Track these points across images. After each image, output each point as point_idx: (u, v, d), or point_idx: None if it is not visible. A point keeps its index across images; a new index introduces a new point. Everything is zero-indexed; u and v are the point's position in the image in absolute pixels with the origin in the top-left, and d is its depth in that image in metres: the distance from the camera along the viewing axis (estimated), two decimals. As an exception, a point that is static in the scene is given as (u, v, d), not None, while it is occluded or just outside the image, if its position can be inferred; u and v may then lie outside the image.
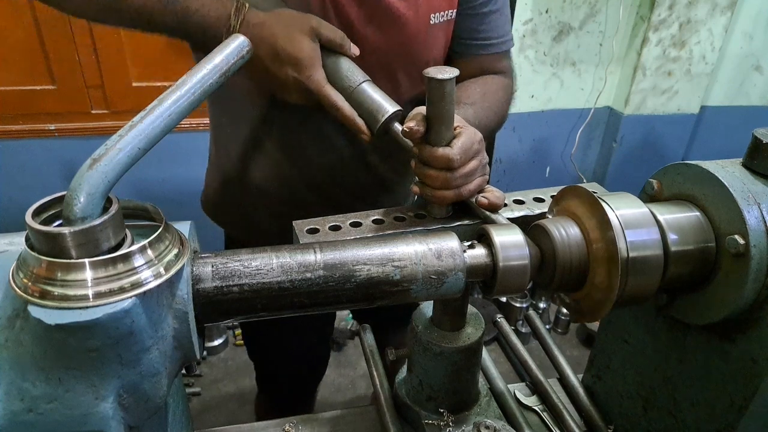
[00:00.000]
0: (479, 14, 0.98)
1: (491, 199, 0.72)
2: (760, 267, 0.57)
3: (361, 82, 0.80)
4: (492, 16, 0.99)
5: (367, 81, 0.80)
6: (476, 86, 0.99)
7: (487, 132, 0.97)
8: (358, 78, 0.80)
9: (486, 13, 0.98)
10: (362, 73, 0.81)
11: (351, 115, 0.79)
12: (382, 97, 0.80)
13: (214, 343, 2.44)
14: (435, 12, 0.94)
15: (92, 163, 0.43)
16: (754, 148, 0.62)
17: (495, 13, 0.99)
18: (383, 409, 0.80)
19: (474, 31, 0.99)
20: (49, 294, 0.41)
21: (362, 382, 2.33)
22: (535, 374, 0.90)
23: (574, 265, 0.60)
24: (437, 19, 0.94)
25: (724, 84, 2.59)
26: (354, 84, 0.79)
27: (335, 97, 0.79)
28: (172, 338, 0.48)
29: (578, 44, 2.37)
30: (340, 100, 0.79)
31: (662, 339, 0.73)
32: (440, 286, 0.56)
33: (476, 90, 0.98)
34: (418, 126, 0.70)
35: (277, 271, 0.52)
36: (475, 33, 0.99)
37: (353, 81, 0.79)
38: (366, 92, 0.79)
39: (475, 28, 0.99)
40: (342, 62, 0.81)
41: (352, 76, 0.80)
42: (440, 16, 0.95)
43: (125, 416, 0.46)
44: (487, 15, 0.98)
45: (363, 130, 0.80)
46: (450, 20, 0.97)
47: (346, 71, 0.80)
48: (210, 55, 0.51)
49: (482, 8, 0.97)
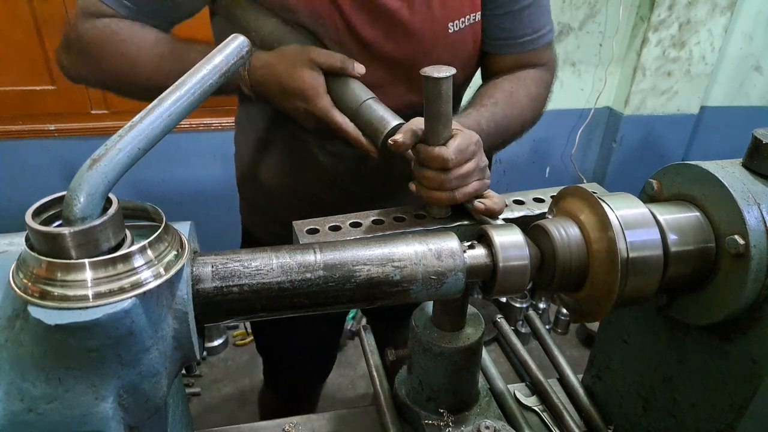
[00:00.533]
0: (510, 12, 0.94)
1: (488, 205, 0.72)
2: (760, 267, 0.57)
3: (365, 100, 0.84)
4: (525, 12, 0.95)
5: (372, 98, 0.85)
6: (506, 83, 0.97)
7: (510, 133, 0.97)
8: (362, 96, 0.84)
9: (518, 10, 0.94)
10: (367, 91, 0.85)
11: (356, 136, 0.83)
12: (386, 111, 0.83)
13: (214, 343, 2.44)
14: (454, 20, 0.92)
15: (92, 164, 0.43)
16: (754, 149, 0.62)
17: (528, 8, 0.95)
18: (383, 410, 0.80)
19: (506, 30, 0.96)
20: (49, 294, 0.41)
21: (362, 382, 2.32)
22: (535, 374, 0.90)
23: (574, 265, 0.60)
24: (457, 26, 0.92)
25: (723, 84, 2.59)
26: (358, 102, 0.84)
27: (341, 120, 0.84)
28: (172, 338, 0.48)
29: (578, 45, 2.37)
30: (345, 123, 0.84)
31: (662, 339, 0.73)
32: (440, 286, 0.56)
33: (505, 87, 0.96)
34: (405, 139, 0.72)
35: (277, 272, 0.52)
36: (507, 32, 0.96)
37: (357, 100, 0.84)
38: (370, 108, 0.83)
39: (508, 26, 0.96)
40: (346, 83, 0.85)
41: (356, 95, 0.84)
42: (461, 23, 0.93)
43: (125, 416, 0.46)
44: (519, 12, 0.95)
45: (369, 149, 0.84)
46: (474, 23, 0.94)
47: (351, 92, 0.85)
48: (210, 55, 0.51)
49: (513, 5, 0.94)
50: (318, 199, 1.07)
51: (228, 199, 2.35)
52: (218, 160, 2.26)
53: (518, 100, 0.96)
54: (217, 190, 2.29)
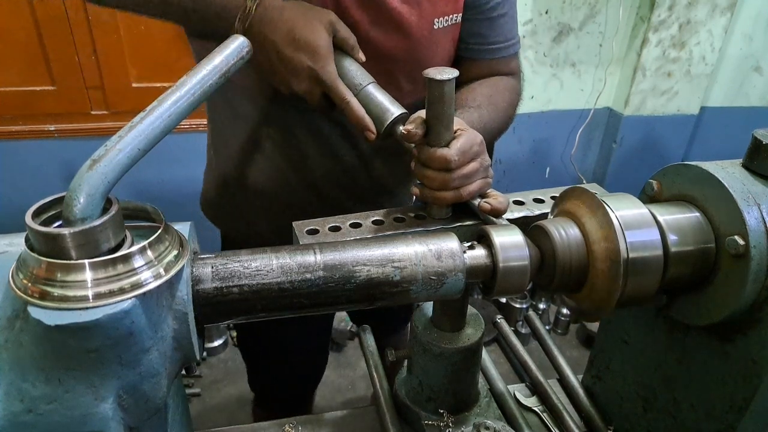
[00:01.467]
0: (487, 19, 0.98)
1: (494, 205, 0.72)
2: (760, 268, 0.57)
3: (368, 84, 0.80)
4: (500, 20, 0.99)
5: (373, 83, 0.81)
6: (483, 88, 0.99)
7: (493, 135, 0.98)
8: (365, 80, 0.81)
9: (494, 18, 0.98)
10: (368, 75, 0.82)
11: (359, 112, 0.79)
12: (388, 99, 0.80)
13: (214, 344, 2.44)
14: (439, 17, 0.93)
15: (92, 164, 0.43)
16: (754, 149, 0.62)
17: (503, 17, 0.99)
18: (383, 410, 0.80)
19: (482, 35, 0.99)
20: (49, 295, 0.41)
21: (362, 382, 2.32)
22: (535, 375, 0.90)
23: (574, 265, 0.60)
24: (441, 24, 0.94)
25: (723, 85, 2.59)
26: (361, 85, 0.80)
27: (345, 92, 0.78)
28: (172, 339, 0.48)
29: (578, 45, 2.37)
30: (349, 95, 0.79)
31: (662, 340, 0.73)
32: (440, 286, 0.56)
33: (483, 92, 0.98)
34: (417, 129, 0.71)
35: (277, 272, 0.52)
36: (482, 37, 0.99)
37: (360, 82, 0.80)
38: (372, 94, 0.80)
39: (483, 32, 0.99)
40: (350, 63, 0.82)
41: (359, 77, 0.81)
42: (445, 21, 0.94)
43: (125, 417, 0.46)
44: (495, 19, 0.98)
45: (370, 128, 0.79)
46: (455, 24, 0.97)
47: (354, 72, 0.81)
48: (210, 55, 0.51)
49: (490, 13, 0.97)
50: (307, 201, 1.06)
51: (228, 200, 2.35)
52: (218, 160, 2.26)
53: (497, 104, 0.98)
54: (217, 190, 2.29)
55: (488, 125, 0.92)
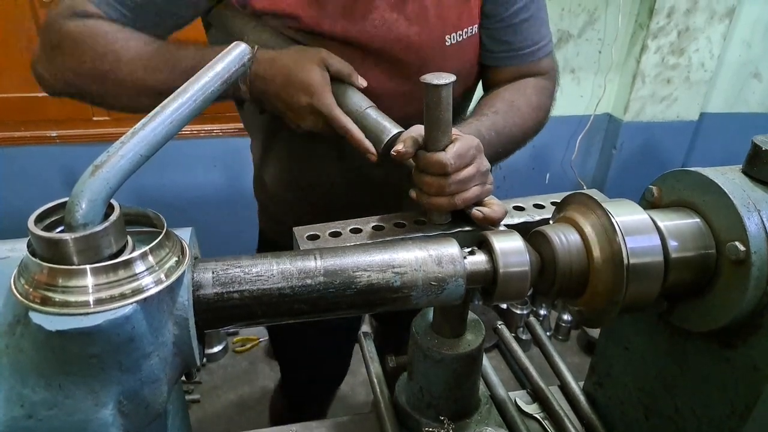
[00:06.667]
0: (509, 26, 0.95)
1: (486, 213, 0.71)
2: (761, 274, 0.57)
3: (366, 108, 0.85)
4: (524, 25, 0.96)
5: (372, 107, 0.86)
6: (507, 93, 0.98)
7: (514, 141, 0.97)
8: (363, 104, 0.85)
9: (516, 24, 0.96)
10: (367, 100, 0.86)
11: (358, 136, 0.83)
12: (386, 120, 0.85)
13: (214, 350, 2.43)
14: (451, 33, 0.92)
15: (94, 170, 0.43)
16: (754, 155, 0.62)
17: (527, 21, 0.96)
18: (383, 417, 0.80)
19: (506, 42, 0.97)
20: (50, 300, 0.41)
21: (362, 389, 2.31)
22: (536, 381, 0.90)
23: (575, 271, 0.60)
24: (455, 39, 0.93)
25: (722, 91, 2.60)
26: (360, 109, 0.85)
27: (344, 120, 0.83)
28: (173, 345, 0.48)
29: (577, 52, 2.38)
30: (349, 123, 0.83)
31: (663, 346, 0.73)
32: (440, 292, 0.56)
33: (505, 97, 0.97)
34: (407, 148, 0.72)
35: (278, 278, 0.52)
36: (507, 44, 0.97)
37: (359, 108, 0.85)
38: (371, 116, 0.84)
39: (508, 39, 0.97)
40: (349, 91, 0.86)
41: (357, 102, 0.86)
42: (458, 36, 0.93)
43: (125, 423, 0.45)
44: (518, 25, 0.96)
45: (370, 150, 0.83)
46: (471, 36, 0.95)
47: (352, 98, 0.86)
48: (212, 63, 0.52)
49: (512, 19, 0.95)
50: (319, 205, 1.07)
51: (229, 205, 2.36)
52: (219, 166, 2.27)
53: (519, 108, 0.96)
54: (218, 196, 2.30)
55: (504, 131, 0.91)
